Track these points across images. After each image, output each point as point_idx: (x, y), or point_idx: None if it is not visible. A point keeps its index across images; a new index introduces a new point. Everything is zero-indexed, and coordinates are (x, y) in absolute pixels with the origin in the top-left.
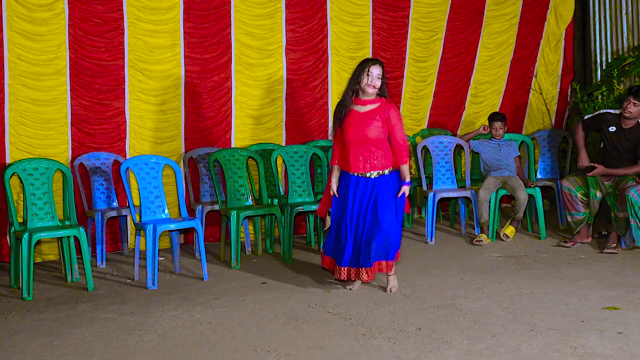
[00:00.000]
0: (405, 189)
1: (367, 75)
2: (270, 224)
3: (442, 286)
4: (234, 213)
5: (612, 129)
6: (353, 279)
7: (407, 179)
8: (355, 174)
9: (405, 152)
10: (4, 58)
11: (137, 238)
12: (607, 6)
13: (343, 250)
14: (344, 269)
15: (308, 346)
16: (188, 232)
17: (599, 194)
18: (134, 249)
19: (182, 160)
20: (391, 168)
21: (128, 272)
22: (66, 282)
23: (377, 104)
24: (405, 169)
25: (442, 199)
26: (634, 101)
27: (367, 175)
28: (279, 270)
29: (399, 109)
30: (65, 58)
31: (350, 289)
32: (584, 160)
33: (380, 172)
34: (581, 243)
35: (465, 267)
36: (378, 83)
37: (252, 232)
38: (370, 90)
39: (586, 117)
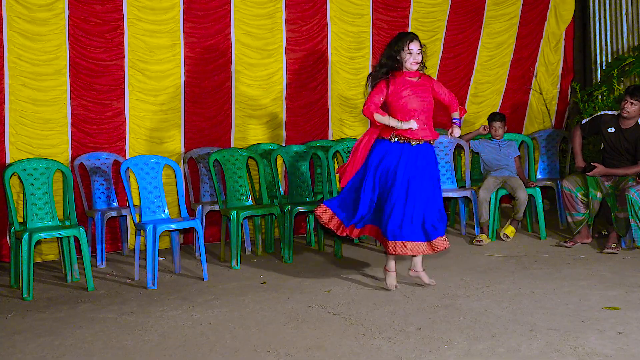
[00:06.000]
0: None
1: (409, 53)
2: (270, 224)
3: (442, 286)
4: (234, 213)
5: (611, 130)
6: (420, 253)
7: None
8: (416, 141)
9: (455, 99)
10: (4, 58)
11: (137, 238)
12: (607, 6)
13: (406, 223)
14: (409, 244)
15: (308, 346)
16: (188, 232)
17: (599, 195)
18: (134, 249)
19: (182, 160)
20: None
21: (128, 272)
22: (66, 282)
23: (420, 77)
24: (457, 114)
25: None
26: (631, 100)
27: (432, 142)
28: (279, 270)
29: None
30: (65, 58)
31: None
32: (580, 164)
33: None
34: (581, 243)
35: (465, 267)
36: (419, 58)
37: (252, 232)
38: (415, 67)
39: (583, 121)
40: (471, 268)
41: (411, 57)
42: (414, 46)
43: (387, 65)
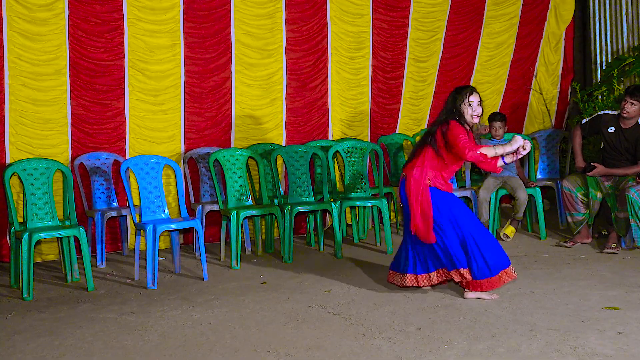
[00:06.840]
0: None
1: (469, 105)
2: (270, 224)
3: (442, 286)
4: (234, 213)
5: (611, 129)
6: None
7: None
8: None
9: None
10: (4, 58)
11: (137, 238)
12: (607, 6)
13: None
14: (510, 269)
15: (308, 346)
16: (188, 232)
17: (599, 195)
18: (134, 249)
19: (182, 160)
20: None
21: (128, 272)
22: (66, 282)
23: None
24: None
25: None
26: (631, 100)
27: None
28: (279, 270)
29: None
30: (65, 58)
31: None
32: (580, 164)
33: None
34: (581, 243)
35: None
36: (480, 110)
37: (252, 232)
38: (477, 120)
39: (583, 121)
40: None
41: (471, 109)
42: (474, 98)
43: (446, 117)
